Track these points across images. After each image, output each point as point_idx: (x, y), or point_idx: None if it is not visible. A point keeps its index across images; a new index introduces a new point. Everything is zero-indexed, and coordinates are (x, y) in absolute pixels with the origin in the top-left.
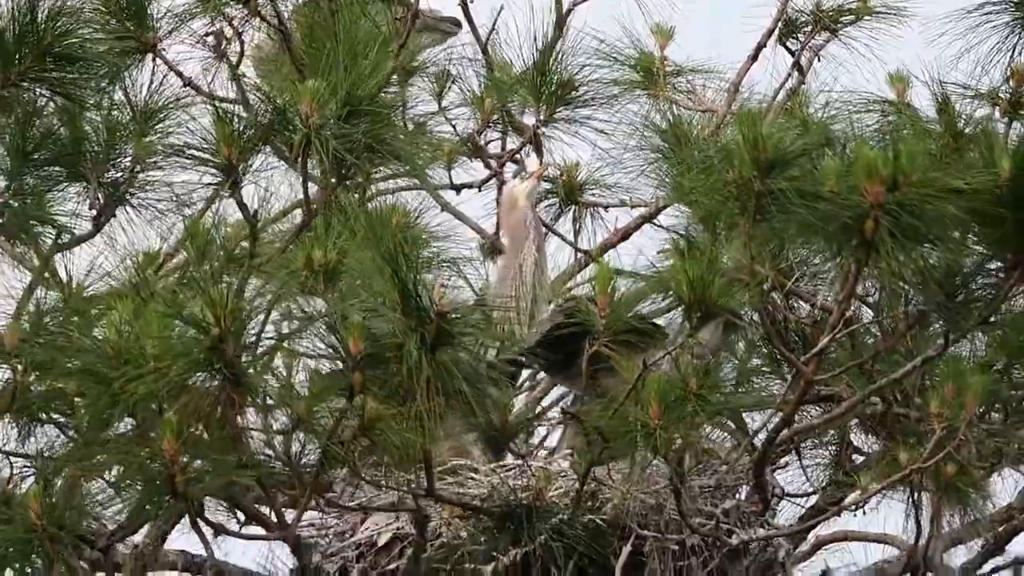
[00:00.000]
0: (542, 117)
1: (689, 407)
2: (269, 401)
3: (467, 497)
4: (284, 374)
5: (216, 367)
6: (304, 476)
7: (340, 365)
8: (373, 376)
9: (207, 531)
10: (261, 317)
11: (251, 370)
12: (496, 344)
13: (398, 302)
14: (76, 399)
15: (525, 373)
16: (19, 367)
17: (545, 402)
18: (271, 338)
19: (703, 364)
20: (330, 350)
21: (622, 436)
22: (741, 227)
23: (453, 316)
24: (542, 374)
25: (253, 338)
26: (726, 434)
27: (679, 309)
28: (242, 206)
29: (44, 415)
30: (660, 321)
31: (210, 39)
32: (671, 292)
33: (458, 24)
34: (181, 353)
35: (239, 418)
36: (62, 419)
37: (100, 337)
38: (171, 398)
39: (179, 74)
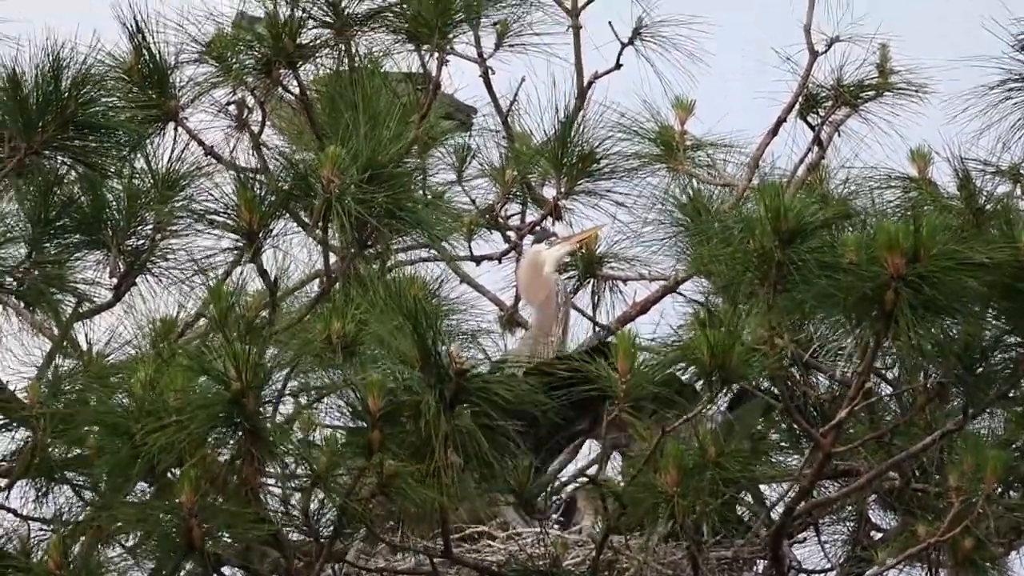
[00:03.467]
0: (563, 189)
1: (708, 475)
2: (288, 459)
3: (484, 562)
4: (303, 432)
5: (236, 421)
6: (321, 536)
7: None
8: (392, 434)
9: None
10: (281, 381)
11: (270, 425)
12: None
13: (418, 359)
14: (94, 458)
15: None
16: (39, 427)
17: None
18: (290, 395)
19: (722, 433)
20: (349, 408)
21: (640, 503)
22: (761, 297)
23: (472, 374)
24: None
25: (274, 396)
26: (744, 507)
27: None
28: (263, 273)
29: (61, 475)
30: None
31: (232, 108)
32: (692, 361)
33: (474, 112)
34: (202, 406)
35: (257, 476)
36: (80, 480)
37: (122, 394)
38: (191, 451)
39: (200, 142)
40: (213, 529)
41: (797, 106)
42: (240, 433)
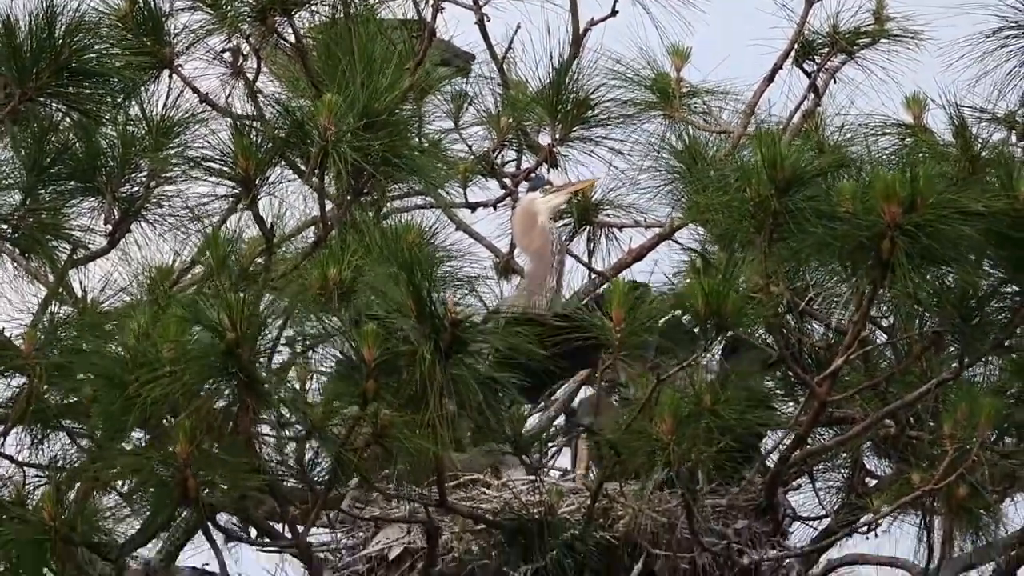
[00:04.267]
0: (558, 136)
1: (703, 423)
2: (283, 408)
3: (479, 511)
4: (298, 382)
5: (231, 372)
6: (316, 485)
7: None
8: (387, 384)
9: (219, 539)
10: (276, 329)
11: (265, 375)
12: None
13: (413, 309)
14: (90, 406)
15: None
16: (34, 374)
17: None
18: (286, 345)
19: (718, 381)
20: (345, 358)
21: (635, 452)
22: (757, 245)
23: (467, 324)
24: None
25: (268, 345)
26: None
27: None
28: (259, 220)
29: (57, 422)
30: None
31: (227, 55)
32: (686, 308)
33: (472, 58)
34: (197, 357)
35: (252, 425)
36: (76, 426)
37: (116, 344)
38: (185, 402)
39: (195, 90)
40: (209, 479)
41: (793, 53)
42: (235, 383)
